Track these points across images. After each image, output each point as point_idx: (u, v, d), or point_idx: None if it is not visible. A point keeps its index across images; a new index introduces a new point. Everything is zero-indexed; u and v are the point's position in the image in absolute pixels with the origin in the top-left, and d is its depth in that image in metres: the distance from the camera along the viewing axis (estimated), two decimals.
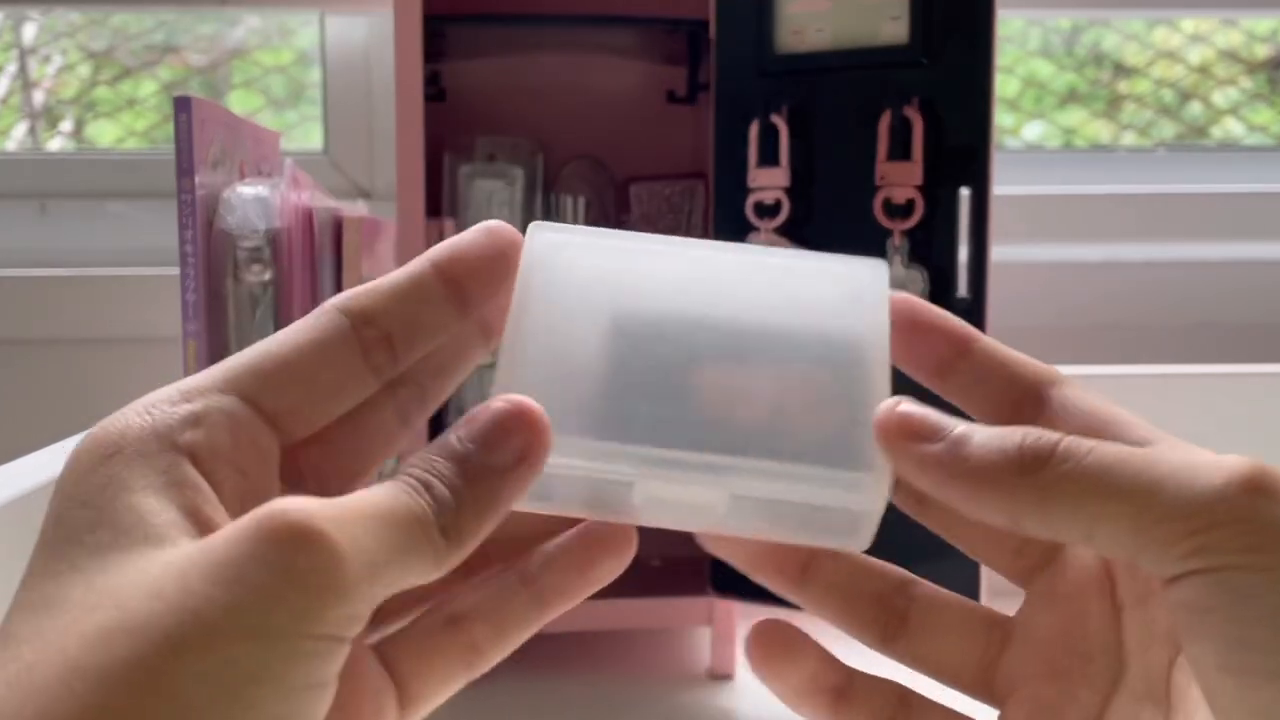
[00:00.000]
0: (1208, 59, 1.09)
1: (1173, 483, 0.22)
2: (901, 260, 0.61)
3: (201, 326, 0.58)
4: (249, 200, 0.59)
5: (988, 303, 0.60)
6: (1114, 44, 1.10)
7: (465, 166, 0.70)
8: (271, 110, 1.09)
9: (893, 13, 0.60)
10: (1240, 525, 0.21)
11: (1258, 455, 0.24)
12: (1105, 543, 0.23)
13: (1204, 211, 1.00)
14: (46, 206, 1.00)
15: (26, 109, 1.08)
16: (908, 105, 0.60)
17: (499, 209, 0.69)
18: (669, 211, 0.74)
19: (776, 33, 0.63)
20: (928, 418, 0.25)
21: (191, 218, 0.58)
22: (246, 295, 0.59)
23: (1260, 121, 1.09)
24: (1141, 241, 0.99)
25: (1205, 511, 0.22)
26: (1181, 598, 0.22)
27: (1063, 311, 0.97)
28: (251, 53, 1.09)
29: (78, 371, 0.92)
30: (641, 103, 0.77)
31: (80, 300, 0.92)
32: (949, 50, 0.60)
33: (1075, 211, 0.99)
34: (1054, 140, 1.10)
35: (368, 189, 1.01)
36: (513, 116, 0.75)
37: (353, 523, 0.21)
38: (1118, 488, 0.22)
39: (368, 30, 1.00)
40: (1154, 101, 1.09)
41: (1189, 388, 0.79)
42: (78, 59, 1.09)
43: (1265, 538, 0.21)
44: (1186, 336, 0.98)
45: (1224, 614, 0.21)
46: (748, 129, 0.63)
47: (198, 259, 0.58)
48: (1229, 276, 0.99)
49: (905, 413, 0.25)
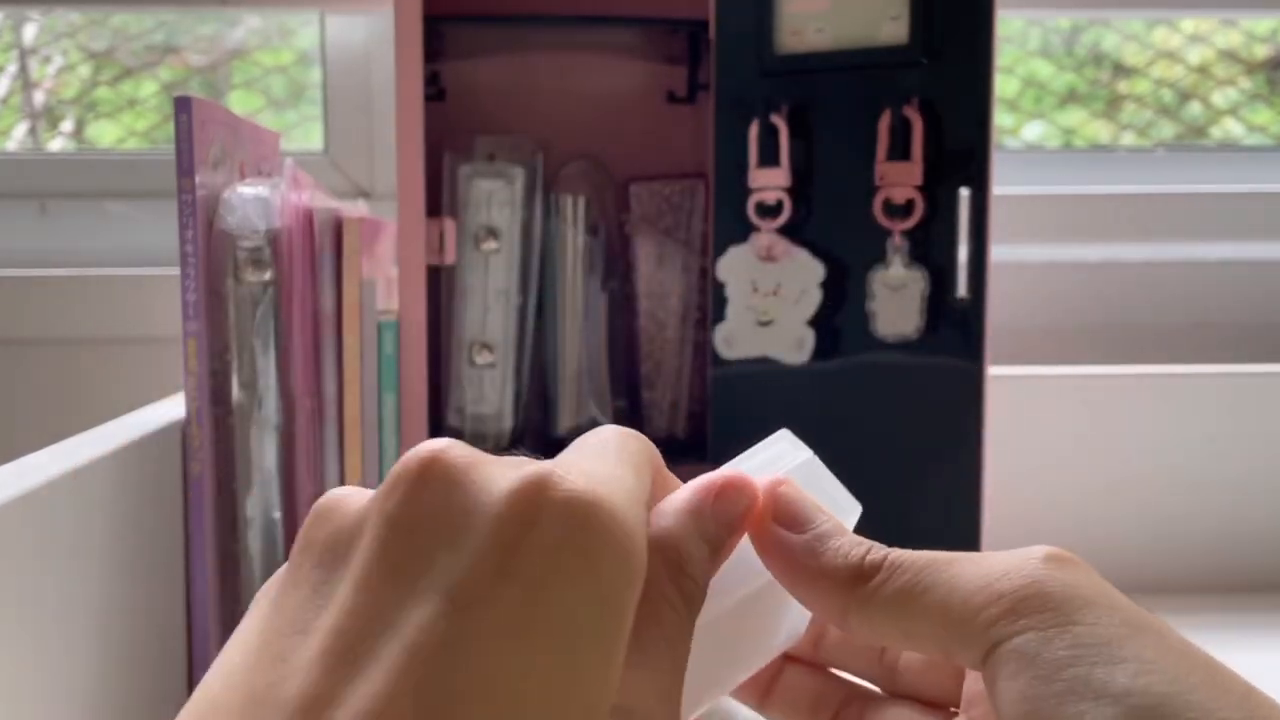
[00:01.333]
0: (1207, 59, 1.09)
1: (974, 572, 0.24)
2: (901, 260, 0.61)
3: (202, 326, 0.58)
4: (249, 200, 0.59)
5: (987, 302, 0.60)
6: (1113, 44, 1.10)
7: (465, 166, 0.70)
8: (272, 110, 1.09)
9: (892, 13, 0.60)
10: (1029, 593, 0.23)
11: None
12: (922, 641, 0.24)
13: (1203, 211, 1.00)
14: (47, 206, 1.00)
15: (27, 109, 1.08)
16: (907, 105, 0.60)
17: (499, 209, 0.69)
18: (669, 211, 0.74)
19: (776, 33, 0.63)
20: (803, 507, 0.26)
21: (192, 218, 0.58)
22: (247, 295, 0.59)
23: (1259, 122, 1.09)
24: (1141, 241, 0.99)
25: (999, 588, 0.23)
26: (991, 675, 0.23)
27: (1062, 311, 0.97)
28: (252, 53, 1.09)
29: (78, 371, 0.92)
30: (641, 103, 0.77)
31: (80, 300, 0.92)
32: (949, 50, 0.60)
33: (1075, 211, 0.99)
34: (1054, 140, 1.10)
35: (368, 189, 1.01)
36: (513, 116, 0.75)
37: None
38: (932, 584, 0.24)
39: (368, 30, 1.00)
40: (1153, 102, 1.09)
41: (1188, 388, 0.79)
42: (78, 59, 1.09)
43: (1050, 599, 0.23)
44: (1186, 336, 0.98)
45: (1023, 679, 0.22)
46: (748, 129, 0.63)
47: (198, 259, 0.58)
48: (1228, 276, 0.99)
49: (783, 494, 0.26)
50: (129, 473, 0.54)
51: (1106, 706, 0.21)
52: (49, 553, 0.45)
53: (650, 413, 0.73)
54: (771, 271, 0.63)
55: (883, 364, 0.61)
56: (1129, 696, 0.21)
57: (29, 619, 0.43)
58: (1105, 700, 0.21)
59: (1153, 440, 0.79)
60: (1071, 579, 0.24)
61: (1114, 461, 0.79)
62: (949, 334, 0.61)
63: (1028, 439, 0.77)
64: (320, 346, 0.61)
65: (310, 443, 0.61)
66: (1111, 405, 0.79)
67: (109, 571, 0.50)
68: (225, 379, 0.60)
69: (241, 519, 0.60)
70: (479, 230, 0.69)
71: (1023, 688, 0.22)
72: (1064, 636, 0.22)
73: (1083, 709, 0.22)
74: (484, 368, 0.69)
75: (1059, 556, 0.24)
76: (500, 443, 0.69)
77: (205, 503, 0.59)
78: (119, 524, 0.52)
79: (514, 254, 0.69)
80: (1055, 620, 0.23)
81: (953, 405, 0.61)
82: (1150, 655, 0.22)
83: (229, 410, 0.60)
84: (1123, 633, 0.23)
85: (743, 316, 0.64)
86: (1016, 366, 0.79)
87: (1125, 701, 0.21)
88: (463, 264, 0.69)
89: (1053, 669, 0.22)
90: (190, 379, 0.59)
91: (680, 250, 0.73)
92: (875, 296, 0.62)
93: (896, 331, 0.61)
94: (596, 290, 0.72)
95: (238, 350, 0.60)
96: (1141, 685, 0.22)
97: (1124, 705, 0.21)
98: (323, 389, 0.61)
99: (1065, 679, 0.22)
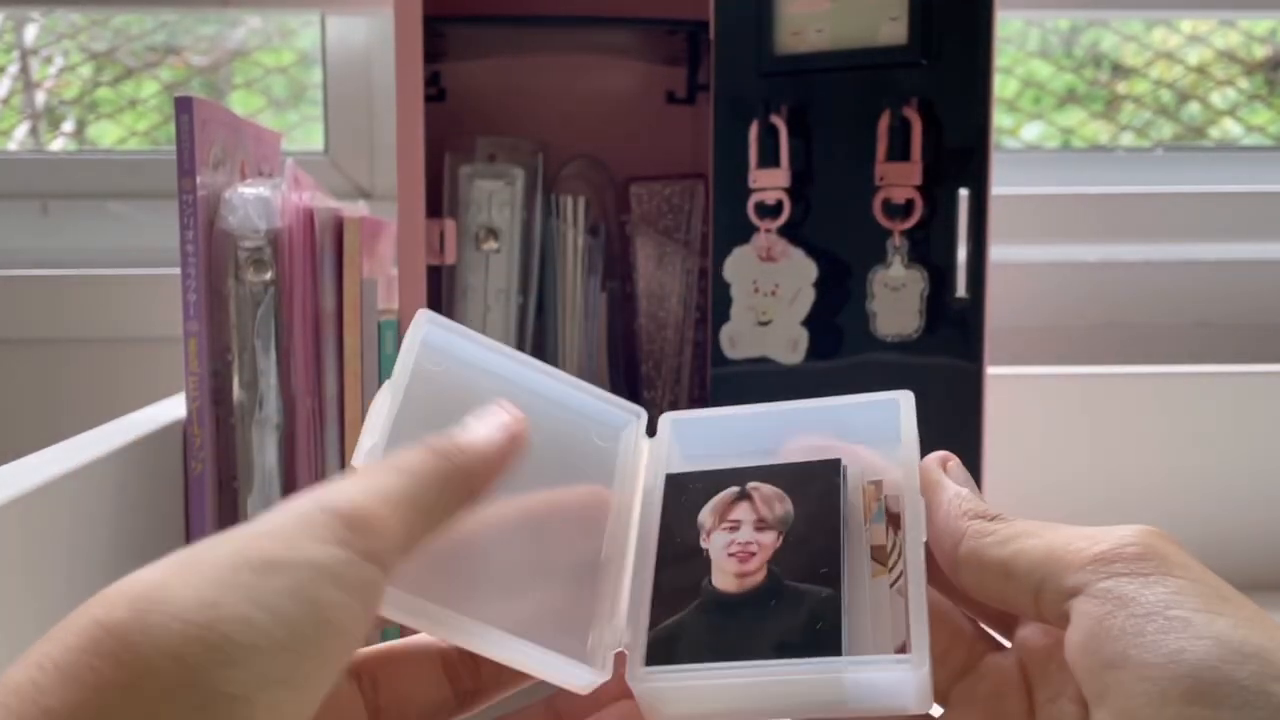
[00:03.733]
0: (1206, 59, 1.09)
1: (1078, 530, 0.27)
2: (901, 260, 0.61)
3: (203, 326, 0.59)
4: (250, 200, 0.59)
5: (986, 303, 0.60)
6: (1112, 44, 1.10)
7: (465, 166, 0.70)
8: (272, 111, 1.09)
9: (892, 13, 0.60)
10: (1131, 550, 0.25)
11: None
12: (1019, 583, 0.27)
13: (1202, 211, 1.00)
14: (48, 207, 1.00)
15: (28, 109, 1.09)
16: (907, 105, 0.60)
17: (499, 209, 0.69)
18: (669, 211, 0.74)
19: (776, 33, 0.63)
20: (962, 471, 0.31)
21: (193, 218, 0.58)
22: (248, 295, 0.60)
23: (1258, 122, 1.09)
24: (1140, 241, 0.99)
25: (1101, 539, 0.26)
26: (1075, 612, 0.25)
27: (1061, 311, 0.97)
28: (252, 53, 1.09)
29: (78, 371, 0.92)
30: (641, 103, 0.77)
31: (82, 300, 0.92)
32: (948, 51, 0.60)
33: (1074, 211, 0.99)
34: (1053, 141, 1.10)
35: (368, 189, 1.01)
36: (513, 116, 0.75)
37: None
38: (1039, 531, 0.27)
39: (368, 31, 1.00)
40: (1152, 102, 1.09)
41: (1188, 388, 0.80)
42: (79, 60, 1.09)
43: (1151, 556, 0.25)
44: (1185, 336, 0.98)
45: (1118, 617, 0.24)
46: (748, 129, 0.63)
47: (199, 259, 0.58)
48: (1228, 276, 0.99)
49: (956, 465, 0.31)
50: (129, 473, 0.54)
51: (1207, 644, 0.22)
52: (49, 553, 0.45)
53: (650, 412, 0.73)
54: (771, 271, 0.64)
55: (882, 364, 0.61)
56: (1228, 642, 0.22)
57: (29, 619, 0.43)
58: (1207, 639, 0.23)
59: (1152, 440, 0.79)
60: (1170, 546, 0.25)
61: (1114, 461, 0.79)
62: (948, 334, 0.61)
63: (1027, 439, 0.77)
64: (321, 346, 0.61)
65: (311, 442, 0.61)
66: (1111, 405, 0.79)
67: (109, 571, 0.50)
68: (226, 379, 0.60)
69: (242, 518, 0.60)
70: (479, 230, 0.69)
71: (1114, 624, 0.24)
72: (1165, 583, 0.24)
73: (1182, 644, 0.23)
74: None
75: (1159, 531, 0.26)
76: None
77: (206, 502, 0.59)
78: (119, 524, 0.52)
79: (514, 254, 0.69)
80: (1155, 569, 0.24)
81: (952, 405, 0.61)
82: (1247, 615, 0.23)
83: (230, 410, 0.60)
84: (1222, 592, 0.24)
85: (744, 316, 0.64)
86: (1016, 366, 0.80)
87: (1225, 644, 0.22)
88: (463, 264, 0.69)
89: (1150, 608, 0.24)
90: (191, 379, 0.59)
91: (680, 250, 0.73)
92: (875, 296, 0.62)
93: (896, 331, 0.62)
94: (596, 290, 0.72)
95: (239, 350, 0.60)
96: (1241, 635, 0.23)
97: (1224, 647, 0.22)
98: (323, 389, 0.61)
99: (1164, 618, 0.23)
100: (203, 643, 0.21)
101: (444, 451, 0.27)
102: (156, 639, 0.21)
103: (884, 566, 0.30)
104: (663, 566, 0.31)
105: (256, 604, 0.22)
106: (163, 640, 0.21)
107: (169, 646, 0.20)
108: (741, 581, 0.29)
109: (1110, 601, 0.24)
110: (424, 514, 0.26)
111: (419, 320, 0.31)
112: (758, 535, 0.30)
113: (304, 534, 0.23)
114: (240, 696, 0.21)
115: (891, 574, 0.29)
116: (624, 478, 0.34)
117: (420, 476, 0.26)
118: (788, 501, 0.31)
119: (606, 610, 0.30)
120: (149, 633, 0.21)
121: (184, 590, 0.21)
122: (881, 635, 0.29)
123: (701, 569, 0.30)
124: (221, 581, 0.22)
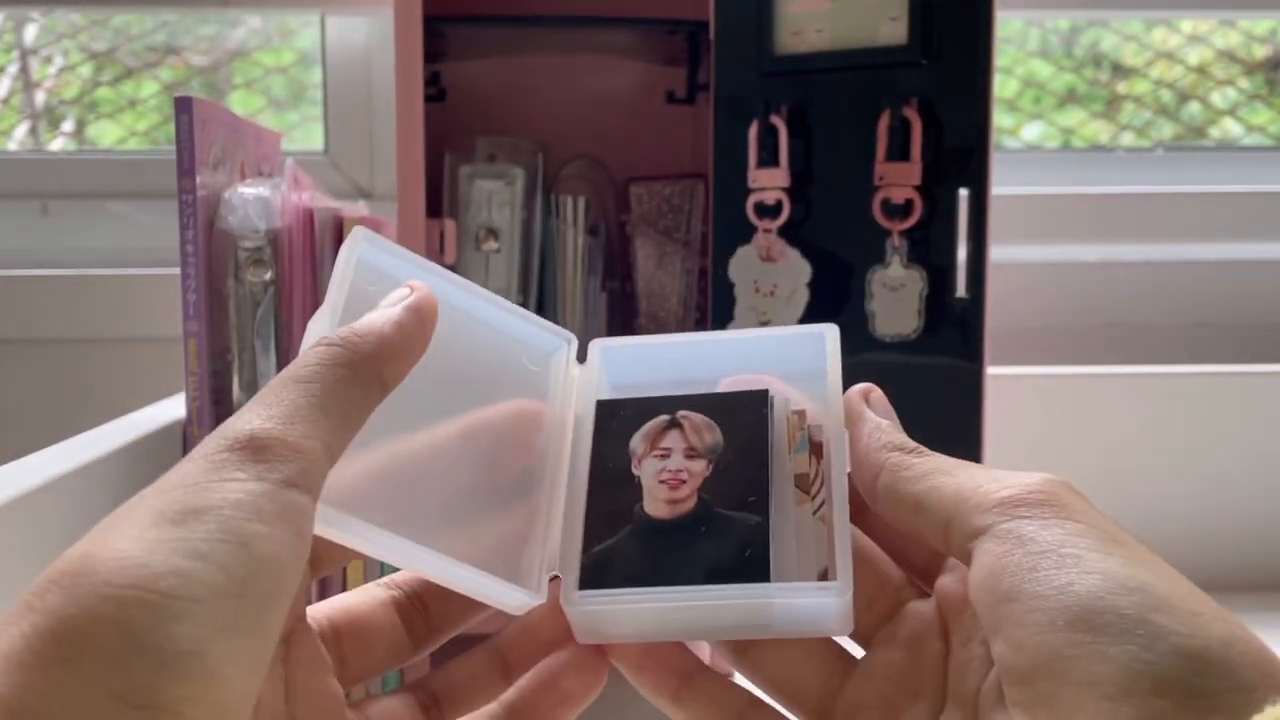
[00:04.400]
0: (1206, 59, 1.09)
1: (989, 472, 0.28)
2: (900, 260, 0.61)
3: (203, 326, 0.59)
4: (250, 200, 0.59)
5: (986, 302, 0.60)
6: (1112, 44, 1.10)
7: (465, 166, 0.70)
8: (272, 111, 1.09)
9: (892, 13, 0.60)
10: (1035, 496, 0.26)
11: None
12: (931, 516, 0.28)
13: (1202, 211, 1.00)
14: (48, 207, 1.00)
15: (28, 109, 1.09)
16: (906, 105, 0.60)
17: (499, 209, 0.69)
18: (669, 211, 0.74)
19: (776, 33, 0.63)
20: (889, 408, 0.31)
21: (193, 218, 0.58)
22: (247, 295, 0.60)
23: (1258, 122, 1.09)
24: (1140, 241, 0.99)
25: (1009, 482, 0.27)
26: (979, 549, 0.26)
27: (1061, 311, 0.97)
28: (252, 53, 1.09)
29: (78, 371, 0.92)
30: (641, 103, 0.77)
31: (81, 300, 0.92)
32: (948, 51, 0.60)
33: (1074, 211, 0.99)
34: (1053, 140, 1.10)
35: (368, 189, 1.01)
36: (513, 116, 0.75)
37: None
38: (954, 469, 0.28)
39: (368, 31, 1.00)
40: (1152, 102, 1.09)
41: (1187, 388, 0.80)
42: (79, 59, 1.09)
43: (1053, 502, 0.26)
44: (1185, 336, 0.98)
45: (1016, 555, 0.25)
46: (747, 129, 0.63)
47: (199, 259, 0.58)
48: (1228, 276, 0.99)
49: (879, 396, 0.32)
50: (129, 473, 0.54)
51: (1095, 579, 0.24)
52: (49, 553, 0.45)
53: None
54: (770, 271, 0.64)
55: (882, 364, 0.61)
56: (1115, 576, 0.24)
57: None
58: (1095, 574, 0.24)
59: (1152, 440, 0.79)
60: (1073, 495, 0.26)
61: (1113, 461, 0.79)
62: (948, 334, 0.61)
63: (1027, 439, 0.77)
64: None
65: None
66: (1111, 405, 0.79)
67: None
68: (226, 379, 0.60)
69: None
70: (479, 230, 0.69)
71: (1011, 561, 0.25)
72: (1062, 525, 0.25)
73: (1072, 578, 0.24)
74: None
75: (1065, 481, 0.27)
76: None
77: None
78: None
79: (514, 254, 0.69)
80: (1054, 514, 0.25)
81: (952, 405, 0.61)
82: (1139, 557, 0.25)
83: (230, 410, 0.60)
84: (1116, 535, 0.25)
85: (746, 316, 0.64)
86: (1016, 366, 0.80)
87: (1112, 578, 0.24)
88: (463, 264, 0.69)
89: (1046, 547, 0.25)
90: (191, 379, 0.59)
91: (680, 250, 0.73)
92: (874, 296, 0.62)
93: (895, 331, 0.62)
94: (596, 290, 0.72)
95: (239, 350, 0.60)
96: (1129, 572, 0.24)
97: (1111, 580, 0.23)
98: None
99: (1058, 555, 0.24)
100: (139, 603, 0.20)
101: (343, 342, 0.26)
102: (92, 609, 0.20)
103: (807, 495, 0.31)
104: (595, 491, 0.31)
105: (186, 554, 0.21)
106: (99, 609, 0.20)
107: (106, 614, 0.20)
108: (673, 508, 0.30)
109: (1010, 541, 0.25)
110: (336, 417, 0.25)
111: (354, 237, 0.31)
112: (688, 463, 0.31)
113: (215, 475, 0.23)
114: (191, 651, 0.20)
115: (814, 502, 0.30)
116: (555, 402, 0.34)
117: (322, 379, 0.25)
118: (717, 430, 0.32)
119: (540, 533, 0.31)
120: (82, 604, 0.20)
121: (109, 556, 0.21)
122: (806, 561, 0.30)
123: (633, 495, 0.31)
124: (144, 540, 0.21)
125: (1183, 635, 0.22)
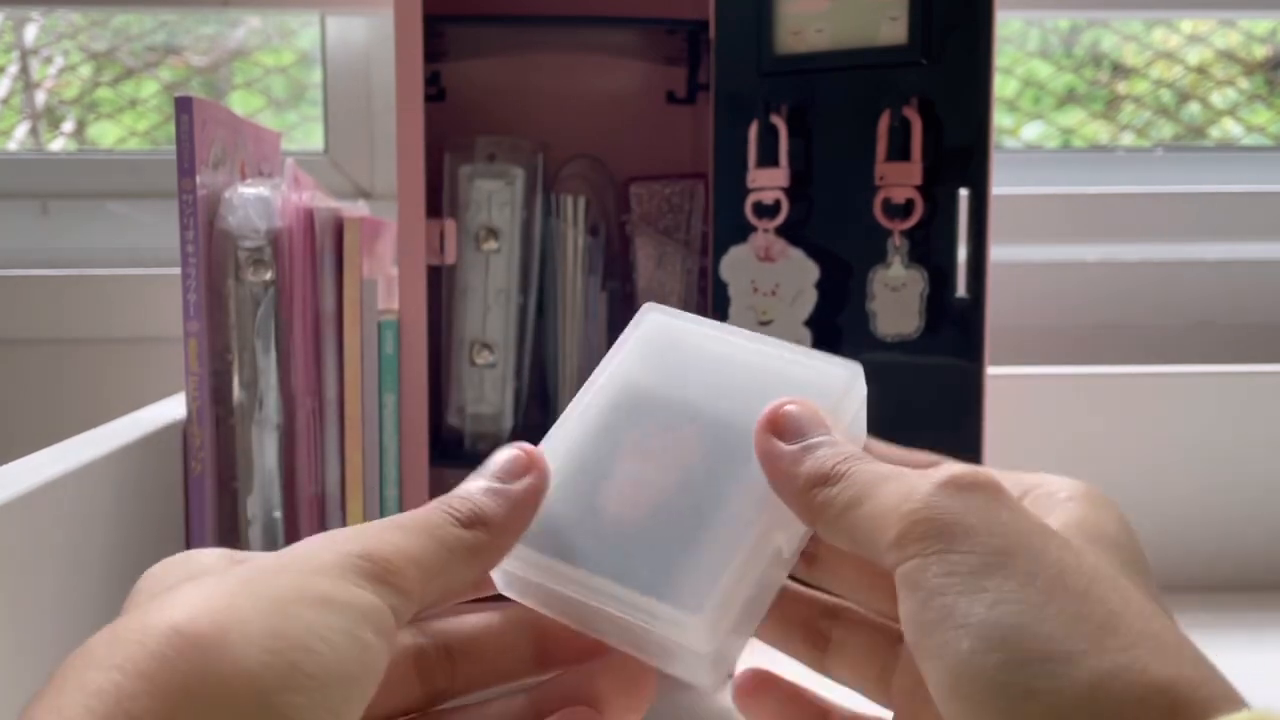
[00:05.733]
0: (1206, 59, 1.09)
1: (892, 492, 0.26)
2: (901, 260, 0.61)
3: (203, 326, 0.59)
4: (250, 200, 0.59)
5: (987, 302, 0.60)
6: (1112, 44, 1.10)
7: (465, 166, 0.70)
8: (272, 111, 1.09)
9: (892, 13, 0.60)
10: (919, 529, 0.25)
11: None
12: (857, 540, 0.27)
13: (1202, 211, 1.00)
14: (48, 207, 1.00)
15: (28, 109, 1.09)
16: (907, 105, 0.60)
17: (499, 209, 0.69)
18: (669, 211, 0.74)
19: (776, 33, 0.63)
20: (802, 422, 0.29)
21: (193, 218, 0.58)
22: (248, 295, 0.60)
23: (1258, 122, 1.09)
24: (1140, 241, 0.99)
25: (900, 511, 0.25)
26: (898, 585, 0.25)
27: (1061, 311, 0.97)
28: (252, 53, 1.09)
29: (78, 371, 0.92)
30: (641, 103, 0.77)
31: (82, 300, 0.92)
32: (948, 50, 0.60)
33: (1074, 211, 0.99)
34: (1053, 140, 1.10)
35: (368, 189, 1.01)
36: (513, 116, 0.75)
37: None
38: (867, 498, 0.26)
39: (368, 30, 1.00)
40: (1152, 102, 1.09)
41: (1188, 388, 0.79)
42: (79, 60, 1.09)
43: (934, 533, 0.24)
44: (1185, 336, 0.98)
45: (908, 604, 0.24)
46: (747, 129, 0.63)
47: (199, 259, 0.58)
48: (1228, 276, 0.99)
49: (787, 412, 0.29)
50: (129, 473, 0.54)
51: (964, 638, 0.23)
52: (49, 553, 0.45)
53: None
54: (770, 271, 0.64)
55: (882, 364, 0.61)
56: (983, 626, 0.22)
57: (29, 619, 0.43)
58: (963, 630, 0.23)
59: (1152, 440, 0.79)
60: (960, 505, 0.25)
61: (1113, 461, 0.79)
62: (949, 334, 0.61)
63: (1027, 439, 0.77)
64: (321, 346, 0.61)
65: (311, 443, 0.61)
66: (1111, 405, 0.79)
67: (109, 571, 0.50)
68: (226, 379, 0.60)
69: (242, 519, 0.60)
70: (479, 230, 0.69)
71: (907, 614, 0.24)
72: (940, 564, 0.24)
73: (947, 638, 0.23)
74: (484, 367, 0.69)
75: (957, 481, 0.25)
76: (500, 442, 0.69)
77: (206, 502, 0.59)
78: (119, 524, 0.52)
79: (514, 254, 0.69)
80: (935, 548, 0.24)
81: (952, 405, 0.61)
82: (1012, 586, 0.23)
83: (230, 410, 0.60)
84: (991, 562, 0.23)
85: (744, 316, 0.64)
86: (1016, 366, 0.80)
87: (979, 632, 0.22)
88: (463, 264, 0.69)
89: (927, 596, 0.24)
90: (191, 379, 0.59)
91: (680, 250, 0.73)
92: (875, 296, 0.62)
93: (896, 331, 0.62)
94: (596, 290, 0.72)
95: (239, 350, 0.60)
96: (995, 616, 0.22)
97: (977, 636, 0.22)
98: (323, 389, 0.61)
99: (935, 607, 0.23)
100: (274, 668, 0.22)
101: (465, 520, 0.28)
102: (237, 658, 0.22)
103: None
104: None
105: (318, 638, 0.23)
106: (242, 660, 0.22)
107: (247, 667, 0.22)
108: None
109: (905, 587, 0.24)
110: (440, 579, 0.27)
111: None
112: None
113: (350, 577, 0.25)
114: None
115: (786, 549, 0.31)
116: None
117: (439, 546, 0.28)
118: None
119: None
120: (230, 650, 0.22)
121: (255, 615, 0.23)
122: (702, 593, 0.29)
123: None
124: (286, 613, 0.23)
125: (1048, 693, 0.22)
